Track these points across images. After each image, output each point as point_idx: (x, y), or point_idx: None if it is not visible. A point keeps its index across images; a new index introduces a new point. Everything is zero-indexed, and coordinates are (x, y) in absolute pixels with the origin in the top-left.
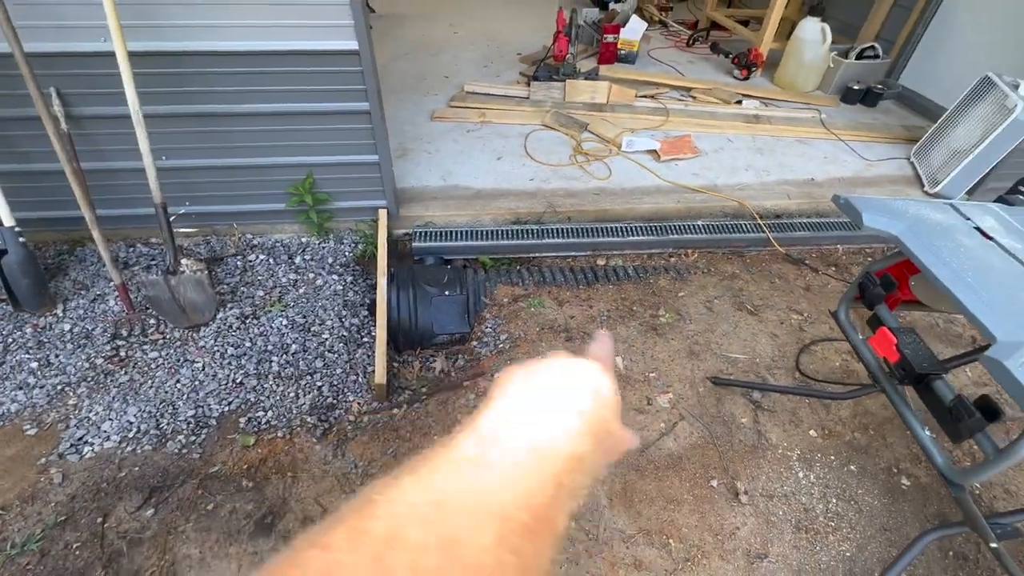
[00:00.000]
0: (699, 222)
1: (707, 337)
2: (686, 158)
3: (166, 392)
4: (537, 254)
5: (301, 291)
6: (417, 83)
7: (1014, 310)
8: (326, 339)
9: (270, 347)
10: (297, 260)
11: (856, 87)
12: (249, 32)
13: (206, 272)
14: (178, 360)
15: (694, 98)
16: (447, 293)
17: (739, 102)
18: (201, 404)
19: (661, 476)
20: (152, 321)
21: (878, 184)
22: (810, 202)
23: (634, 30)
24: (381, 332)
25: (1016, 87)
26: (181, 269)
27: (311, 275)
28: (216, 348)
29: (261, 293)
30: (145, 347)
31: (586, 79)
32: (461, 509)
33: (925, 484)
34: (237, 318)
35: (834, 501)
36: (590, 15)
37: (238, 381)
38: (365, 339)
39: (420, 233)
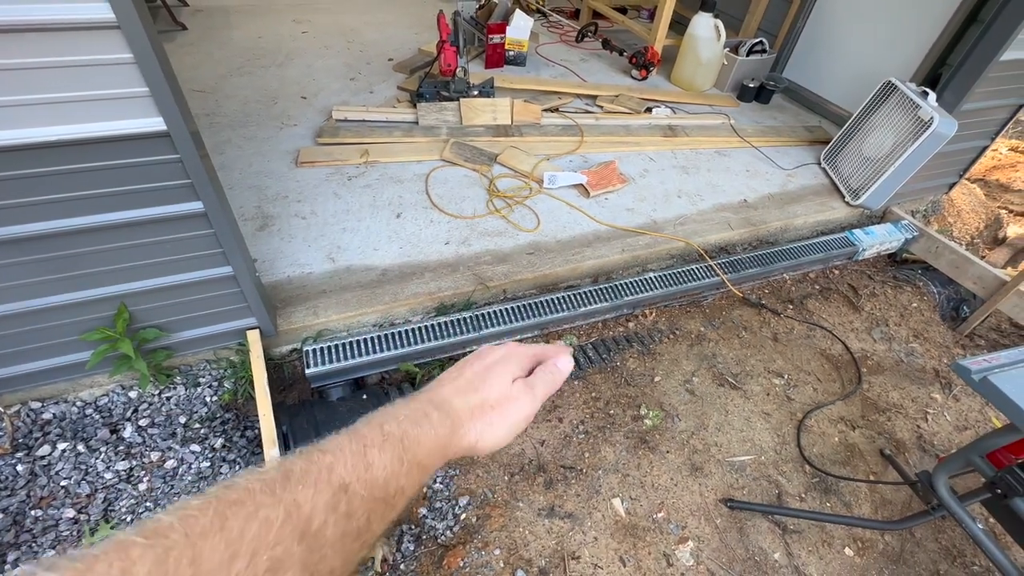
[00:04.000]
0: (650, 274)
1: (703, 437)
2: (615, 189)
3: None
4: (476, 347)
5: (142, 488)
6: (265, 109)
7: None
8: None
9: None
10: (126, 433)
11: (751, 84)
12: None
13: None
14: None
15: (601, 107)
16: None
17: (648, 110)
18: None
19: None
20: None
21: (804, 199)
22: (751, 230)
23: (521, 28)
24: None
25: (925, 95)
26: None
27: (155, 455)
28: None
29: (70, 513)
30: None
31: (481, 94)
32: (304, 481)
33: None
34: None
35: None
36: (467, 8)
37: None
38: None
39: (314, 352)
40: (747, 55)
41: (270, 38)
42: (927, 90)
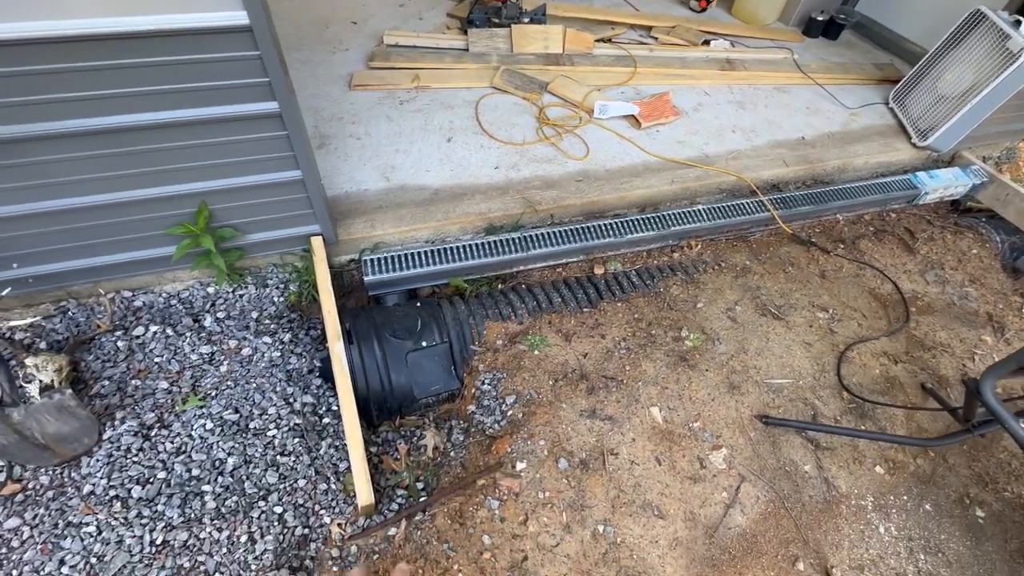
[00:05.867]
0: (699, 207)
1: (742, 360)
2: (668, 122)
3: None
4: (523, 267)
5: (223, 369)
6: (318, 34)
7: None
8: (273, 437)
9: (196, 471)
10: (207, 322)
11: (819, 18)
12: (56, 7)
13: (69, 391)
14: (56, 526)
15: (656, 39)
16: (424, 345)
17: (706, 43)
18: None
19: (740, 567)
20: None
21: (866, 139)
22: (807, 168)
23: None
24: (354, 434)
25: (1017, 24)
26: (27, 393)
27: (232, 343)
28: (113, 492)
29: (164, 385)
30: None
31: (533, 21)
32: None
33: (998, 512)
34: (136, 434)
35: (922, 557)
36: None
37: (159, 542)
38: (327, 421)
39: (372, 262)
40: None
41: None
42: (1021, 18)
